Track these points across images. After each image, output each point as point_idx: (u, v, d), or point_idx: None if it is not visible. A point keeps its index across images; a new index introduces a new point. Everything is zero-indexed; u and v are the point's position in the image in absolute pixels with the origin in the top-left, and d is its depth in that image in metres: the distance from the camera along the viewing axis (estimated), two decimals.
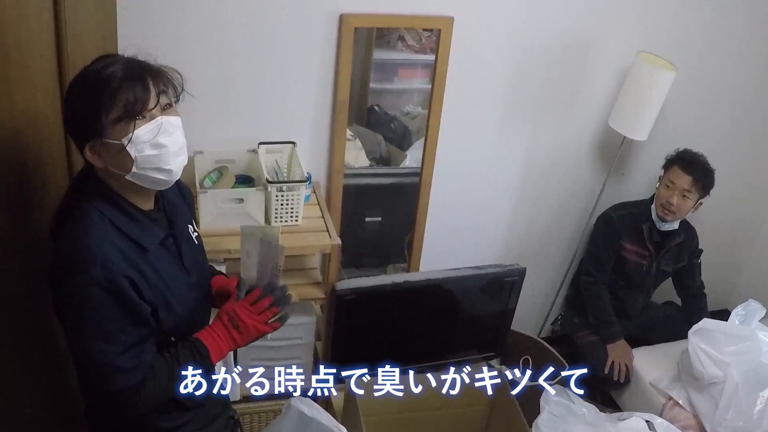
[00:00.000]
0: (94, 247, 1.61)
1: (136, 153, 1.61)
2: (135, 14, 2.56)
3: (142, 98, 1.60)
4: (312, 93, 2.98)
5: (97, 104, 1.58)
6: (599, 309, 3.63)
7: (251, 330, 1.86)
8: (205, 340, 1.83)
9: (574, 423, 2.93)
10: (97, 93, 1.58)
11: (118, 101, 1.58)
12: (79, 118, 1.63)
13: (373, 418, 2.74)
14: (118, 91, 1.57)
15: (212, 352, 1.83)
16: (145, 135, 1.61)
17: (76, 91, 1.64)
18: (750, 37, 3.59)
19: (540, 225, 3.80)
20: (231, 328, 1.85)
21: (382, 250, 3.65)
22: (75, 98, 1.64)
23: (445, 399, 2.94)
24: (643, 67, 3.21)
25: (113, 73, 1.59)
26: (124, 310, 1.64)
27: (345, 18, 2.85)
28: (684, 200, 3.40)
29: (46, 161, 2.02)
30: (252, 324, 1.86)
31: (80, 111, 1.61)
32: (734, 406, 3.10)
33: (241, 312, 1.86)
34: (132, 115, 1.59)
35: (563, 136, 3.54)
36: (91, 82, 1.60)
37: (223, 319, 1.86)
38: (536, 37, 3.22)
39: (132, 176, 1.65)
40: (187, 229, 1.93)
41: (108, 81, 1.58)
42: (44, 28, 1.92)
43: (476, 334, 3.29)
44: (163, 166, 1.66)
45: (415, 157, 3.41)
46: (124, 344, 1.65)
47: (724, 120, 3.82)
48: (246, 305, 1.87)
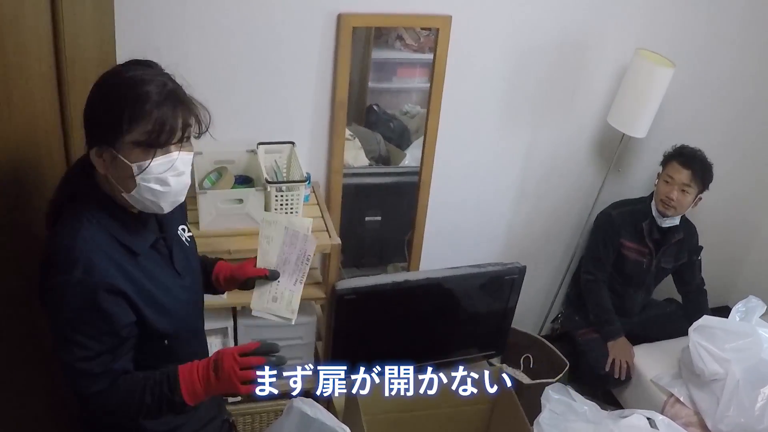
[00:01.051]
0: (78, 249, 1.59)
1: (142, 181, 1.60)
2: (133, 16, 2.57)
3: (169, 132, 1.57)
4: (311, 93, 2.98)
5: (120, 118, 1.54)
6: (600, 307, 3.63)
7: (225, 382, 1.67)
8: (181, 374, 1.69)
9: (575, 421, 2.92)
10: (125, 107, 1.54)
11: (143, 125, 1.55)
12: (99, 123, 1.60)
13: (374, 417, 2.74)
14: (147, 116, 1.55)
15: (184, 388, 1.67)
16: (156, 168, 1.59)
17: (104, 94, 1.61)
18: (748, 33, 3.59)
19: (540, 223, 3.80)
20: (211, 370, 1.69)
21: (382, 250, 3.65)
22: (101, 101, 1.60)
23: (446, 398, 2.95)
24: (641, 65, 3.21)
25: (148, 93, 1.56)
26: (99, 318, 1.62)
27: (343, 18, 2.84)
28: (683, 195, 3.41)
29: (44, 163, 2.02)
30: (227, 376, 1.67)
31: (103, 116, 1.59)
32: (735, 403, 3.10)
33: (226, 359, 1.67)
34: (153, 146, 1.57)
35: (562, 134, 3.54)
36: (123, 93, 1.56)
37: (210, 360, 1.71)
38: (535, 35, 3.22)
39: (128, 196, 1.64)
40: (178, 232, 1.91)
41: (141, 100, 1.55)
42: (42, 31, 1.92)
43: (477, 332, 3.29)
44: (161, 201, 1.66)
45: (415, 156, 3.41)
46: (94, 350, 1.63)
47: (723, 116, 3.82)
48: (234, 354, 1.69)
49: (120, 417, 1.73)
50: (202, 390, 1.69)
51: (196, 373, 1.68)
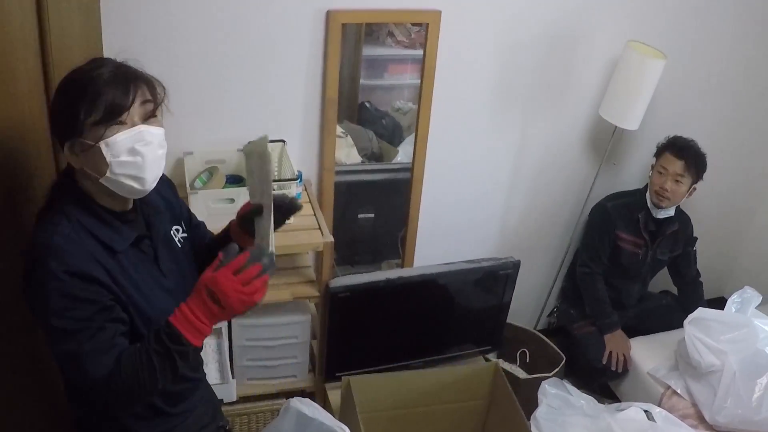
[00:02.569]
0: (54, 243, 1.59)
1: (112, 157, 1.59)
2: (119, 16, 2.55)
3: (124, 103, 1.59)
4: (301, 91, 2.97)
5: (78, 104, 1.57)
6: (596, 300, 3.63)
7: (235, 304, 1.57)
8: (176, 324, 1.59)
9: (572, 415, 2.92)
10: (80, 93, 1.58)
11: (99, 103, 1.57)
12: (61, 117, 1.62)
13: (370, 415, 2.73)
14: (100, 94, 1.57)
15: (187, 334, 1.59)
16: (123, 141, 1.59)
17: (62, 90, 1.64)
18: (740, 23, 3.59)
19: (533, 217, 3.80)
20: (210, 303, 1.58)
21: (375, 247, 3.64)
22: (60, 97, 1.64)
23: (442, 394, 2.95)
24: (632, 57, 3.20)
25: (99, 75, 1.59)
26: (87, 299, 1.60)
27: (332, 14, 2.83)
28: (677, 185, 3.41)
29: (33, 166, 2.01)
30: (236, 297, 1.56)
31: (63, 109, 1.61)
32: (732, 394, 3.11)
33: (223, 283, 1.56)
34: (111, 119, 1.58)
35: (554, 128, 3.54)
36: (77, 83, 1.60)
37: (201, 293, 1.59)
38: (525, 29, 3.21)
39: (106, 180, 1.63)
40: (168, 232, 1.90)
41: (92, 82, 1.58)
42: (28, 33, 1.91)
43: (472, 328, 3.29)
44: (138, 174, 1.64)
45: (407, 152, 3.41)
46: (91, 329, 1.60)
47: (715, 107, 3.82)
48: (228, 274, 1.57)
49: (140, 393, 1.63)
50: (209, 325, 1.62)
51: (192, 315, 1.59)
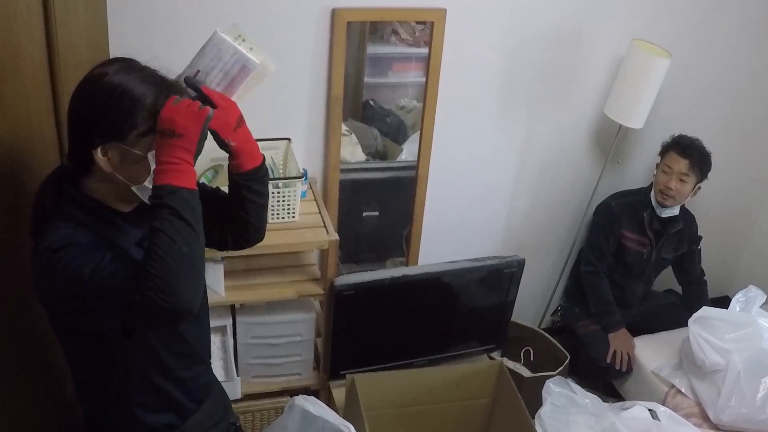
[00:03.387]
0: (58, 234, 1.59)
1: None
2: (126, 15, 2.56)
3: None
4: (306, 89, 2.97)
5: (126, 113, 1.57)
6: (600, 298, 3.63)
7: (189, 122, 1.57)
8: (155, 182, 1.56)
9: (576, 413, 2.92)
10: (126, 103, 1.58)
11: (147, 114, 1.58)
12: (104, 122, 1.59)
13: (375, 413, 2.73)
14: (150, 105, 1.58)
15: (166, 180, 1.54)
16: None
17: (98, 92, 1.60)
18: (745, 22, 3.58)
19: (538, 216, 3.79)
20: (169, 139, 1.56)
21: (380, 245, 3.64)
22: (94, 100, 1.60)
23: (447, 392, 2.95)
24: (637, 55, 3.20)
25: (145, 83, 1.60)
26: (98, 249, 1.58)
27: (337, 12, 2.83)
28: (682, 184, 3.41)
29: (39, 163, 2.01)
30: (185, 114, 1.57)
31: (100, 114, 1.59)
32: (737, 393, 3.10)
33: (166, 113, 1.57)
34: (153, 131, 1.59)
35: (559, 126, 3.54)
36: (119, 88, 1.58)
37: (156, 141, 1.58)
38: (530, 27, 3.21)
39: (138, 189, 1.64)
40: None
41: (138, 91, 1.59)
42: (35, 31, 1.91)
43: (477, 326, 3.29)
44: None
45: (412, 150, 3.41)
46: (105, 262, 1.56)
47: (720, 106, 3.81)
48: (168, 105, 1.58)
49: (168, 267, 1.49)
50: (180, 160, 1.57)
51: (160, 164, 1.56)
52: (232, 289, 2.81)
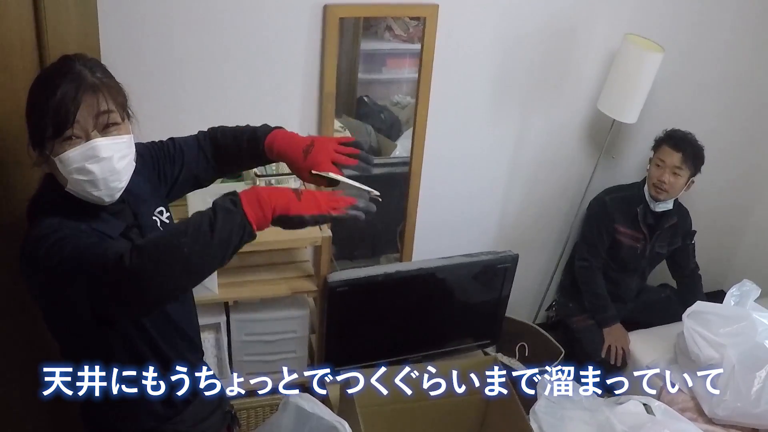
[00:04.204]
0: (45, 224, 1.59)
1: (66, 174, 1.58)
2: (116, 12, 2.54)
3: (68, 119, 1.55)
4: (299, 85, 2.96)
5: (35, 117, 1.58)
6: (594, 293, 3.63)
7: (322, 203, 1.55)
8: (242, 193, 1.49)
9: (571, 408, 2.92)
10: (34, 106, 1.58)
11: (47, 119, 1.55)
12: (28, 124, 1.61)
13: (369, 409, 2.73)
14: (48, 109, 1.54)
15: (246, 203, 1.47)
16: (74, 158, 1.57)
17: (30, 94, 1.62)
18: (739, 16, 3.58)
19: (532, 211, 3.79)
20: (291, 192, 1.53)
21: (374, 241, 3.64)
22: (27, 102, 1.62)
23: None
24: (630, 50, 3.20)
25: (55, 87, 1.55)
26: (82, 234, 1.59)
27: (329, 9, 2.83)
28: (675, 177, 3.41)
29: (29, 161, 2.00)
30: (323, 197, 1.55)
31: (27, 117, 1.61)
32: (732, 388, 3.10)
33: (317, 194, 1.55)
34: (59, 134, 1.55)
35: (552, 121, 3.53)
36: (33, 94, 1.59)
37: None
38: (522, 22, 3.20)
39: (69, 190, 1.62)
40: (155, 215, 1.87)
41: (47, 94, 1.55)
42: (25, 26, 1.91)
43: (471, 322, 3.29)
44: (93, 191, 1.61)
45: (406, 146, 3.40)
46: (93, 239, 1.58)
47: (714, 101, 3.82)
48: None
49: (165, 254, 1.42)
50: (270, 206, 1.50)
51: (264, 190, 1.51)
52: (226, 287, 2.81)
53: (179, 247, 1.41)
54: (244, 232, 1.47)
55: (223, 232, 1.44)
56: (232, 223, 1.45)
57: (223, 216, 1.44)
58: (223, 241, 1.44)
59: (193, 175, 2.00)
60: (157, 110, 1.73)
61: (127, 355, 1.78)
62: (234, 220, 1.45)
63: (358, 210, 1.61)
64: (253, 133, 1.96)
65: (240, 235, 1.46)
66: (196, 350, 2.04)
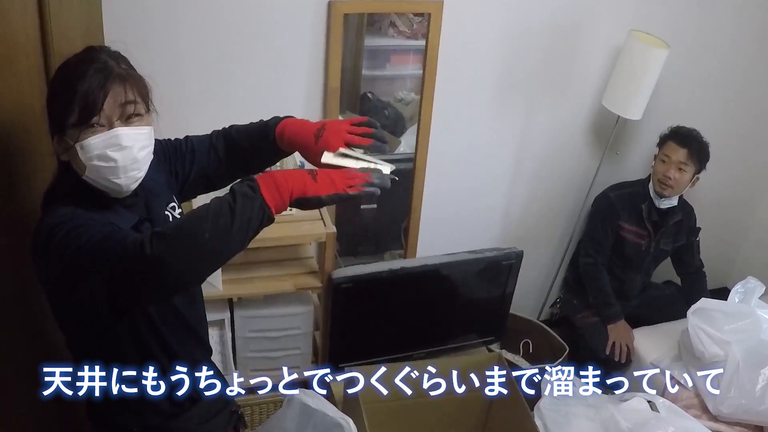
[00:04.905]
0: (59, 213, 1.60)
1: (87, 161, 1.59)
2: (121, 7, 2.54)
3: (96, 106, 1.56)
4: (303, 81, 2.96)
5: (58, 103, 1.58)
6: (599, 290, 3.62)
7: (337, 182, 1.54)
8: (258, 176, 1.50)
9: (575, 405, 2.92)
10: (60, 92, 1.58)
11: (74, 105, 1.56)
12: (50, 112, 1.63)
13: (373, 406, 2.73)
14: (75, 95, 1.56)
15: (264, 188, 1.47)
16: (96, 144, 1.58)
17: (51, 84, 1.65)
18: (743, 13, 3.57)
19: (536, 207, 3.79)
20: (307, 174, 1.54)
21: (378, 238, 3.64)
22: (49, 91, 1.64)
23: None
24: (635, 46, 3.19)
25: (82, 74, 1.57)
26: (95, 224, 1.58)
27: (334, 5, 2.82)
28: (681, 173, 3.40)
29: (34, 154, 2.01)
30: (338, 176, 1.55)
31: (49, 105, 1.63)
32: (736, 385, 3.10)
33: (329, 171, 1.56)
34: (85, 121, 1.56)
35: (557, 117, 3.53)
36: (60, 81, 1.60)
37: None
38: (527, 18, 3.20)
39: (87, 179, 1.63)
40: (167, 210, 1.88)
41: (70, 81, 1.57)
42: (29, 23, 1.91)
43: (475, 318, 3.29)
44: (112, 178, 1.62)
45: (410, 143, 3.40)
46: (109, 230, 1.57)
47: (719, 97, 3.81)
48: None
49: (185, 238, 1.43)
50: (288, 188, 1.50)
51: (280, 174, 1.51)
52: (230, 283, 2.81)
53: (200, 232, 1.41)
54: (264, 216, 1.48)
55: (243, 217, 1.44)
56: (252, 208, 1.45)
57: (242, 201, 1.45)
58: (243, 226, 1.45)
59: (205, 174, 2.00)
60: (161, 107, 1.72)
61: (135, 348, 1.78)
62: (253, 205, 1.46)
63: (374, 186, 1.58)
64: (263, 123, 1.97)
65: (260, 220, 1.47)
66: (205, 348, 2.04)
